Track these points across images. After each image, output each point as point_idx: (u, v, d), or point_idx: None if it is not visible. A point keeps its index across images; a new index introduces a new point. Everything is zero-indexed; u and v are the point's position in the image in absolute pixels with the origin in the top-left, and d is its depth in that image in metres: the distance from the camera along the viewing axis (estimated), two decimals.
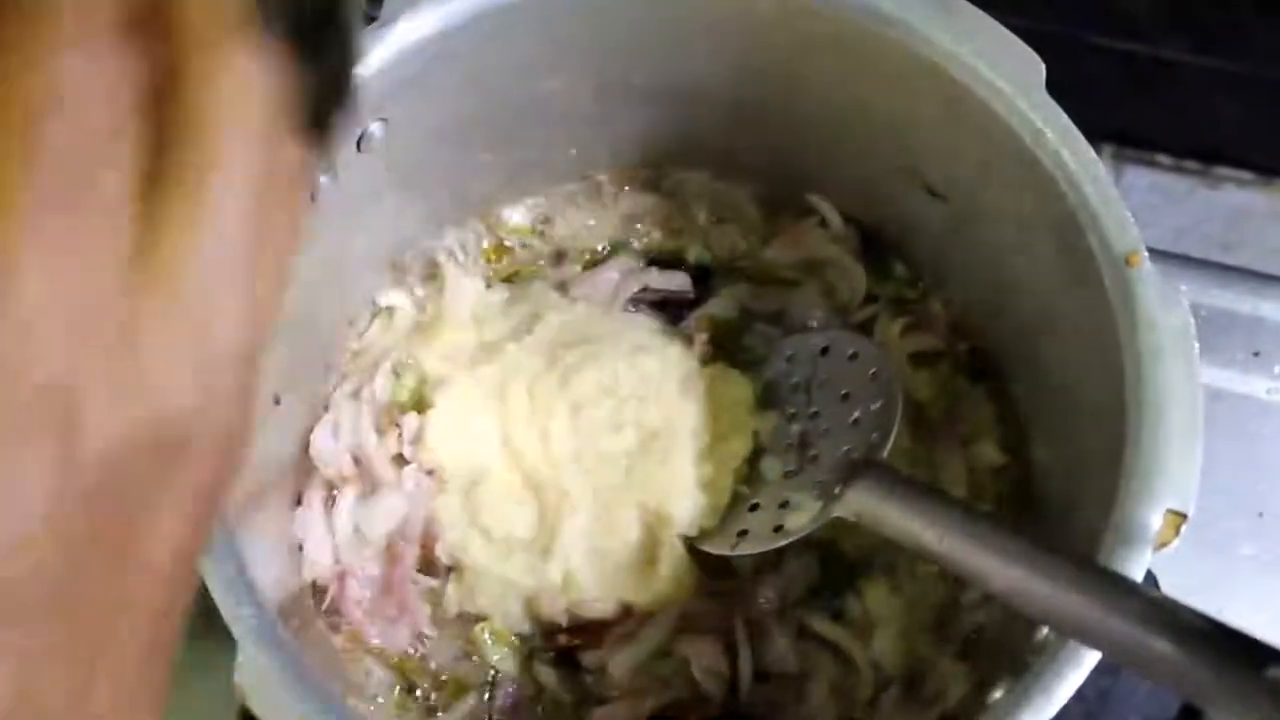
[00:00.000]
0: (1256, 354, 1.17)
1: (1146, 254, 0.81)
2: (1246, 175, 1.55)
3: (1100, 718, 0.78)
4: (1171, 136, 1.42)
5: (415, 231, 1.06)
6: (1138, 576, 0.74)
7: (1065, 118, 0.85)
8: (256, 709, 0.71)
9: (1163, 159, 1.41)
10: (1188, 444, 0.77)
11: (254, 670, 0.72)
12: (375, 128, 0.89)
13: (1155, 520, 0.75)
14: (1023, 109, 0.85)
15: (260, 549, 0.83)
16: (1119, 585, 0.72)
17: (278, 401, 0.94)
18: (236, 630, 0.73)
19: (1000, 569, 0.77)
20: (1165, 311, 0.80)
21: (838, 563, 0.99)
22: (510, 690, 0.98)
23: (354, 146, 0.89)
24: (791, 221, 1.09)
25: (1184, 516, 0.75)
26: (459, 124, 0.98)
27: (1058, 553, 0.75)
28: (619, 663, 0.95)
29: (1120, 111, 1.36)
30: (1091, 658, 0.72)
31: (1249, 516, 1.11)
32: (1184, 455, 0.76)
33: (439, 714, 0.97)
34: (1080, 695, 0.71)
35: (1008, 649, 0.88)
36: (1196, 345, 0.79)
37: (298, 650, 0.76)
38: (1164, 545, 0.75)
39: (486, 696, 0.98)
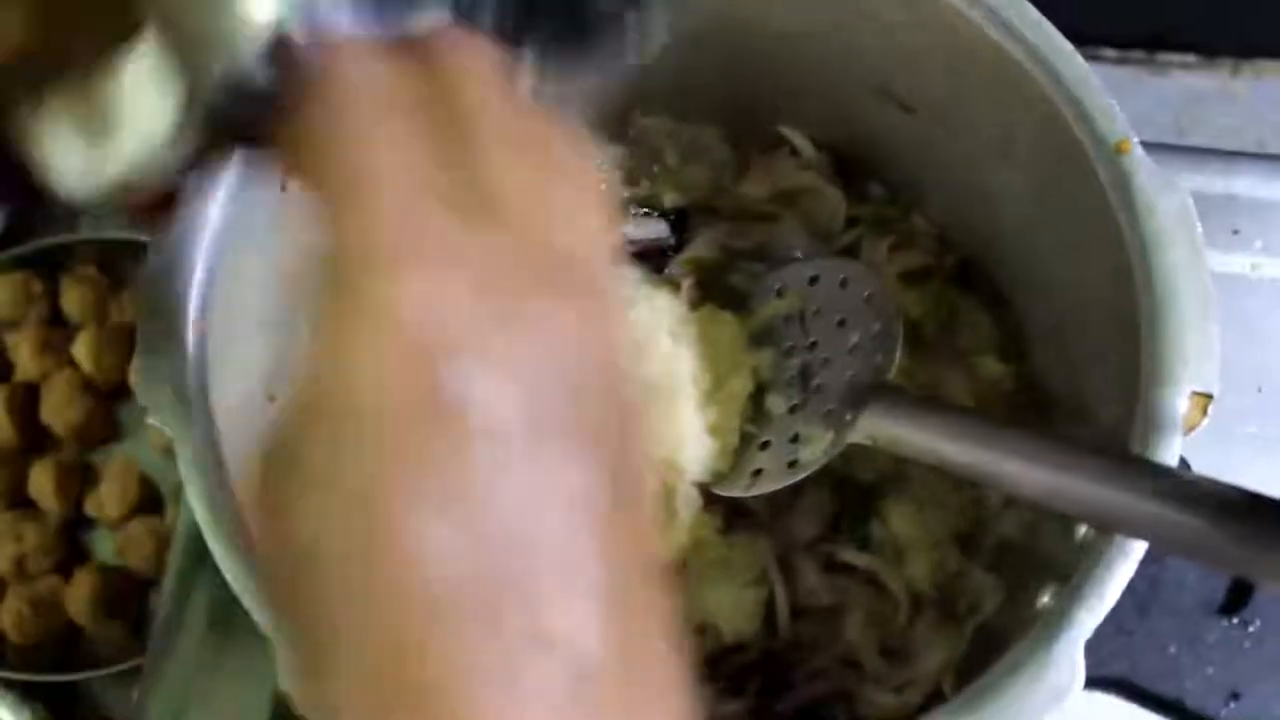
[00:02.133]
0: (1236, 232, 1.17)
1: (1136, 140, 0.80)
2: (1191, 59, 1.55)
3: (1153, 606, 0.78)
4: (1114, 28, 1.42)
5: None
6: (1171, 462, 0.74)
7: (1034, 10, 0.84)
8: (305, 713, 0.69)
9: (1108, 53, 1.41)
10: (1203, 324, 0.76)
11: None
12: None
13: (1181, 404, 0.74)
14: (990, 4, 0.84)
15: None
16: (1155, 472, 0.72)
17: (272, 399, 0.91)
18: (276, 637, 0.71)
19: (1028, 473, 0.76)
20: (1162, 195, 0.79)
21: (856, 491, 0.98)
22: None
23: None
24: (761, 154, 1.07)
25: (1209, 397, 0.75)
26: None
27: (1086, 448, 0.75)
28: None
29: (1062, 8, 1.35)
30: (1139, 549, 0.71)
31: (1248, 394, 1.11)
32: (1201, 336, 0.76)
33: None
34: (1130, 587, 0.71)
35: (1041, 553, 0.88)
36: (1199, 225, 0.78)
37: None
38: (1193, 428, 0.75)
39: None
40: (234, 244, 0.81)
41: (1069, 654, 0.70)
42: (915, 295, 1.02)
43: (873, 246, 1.03)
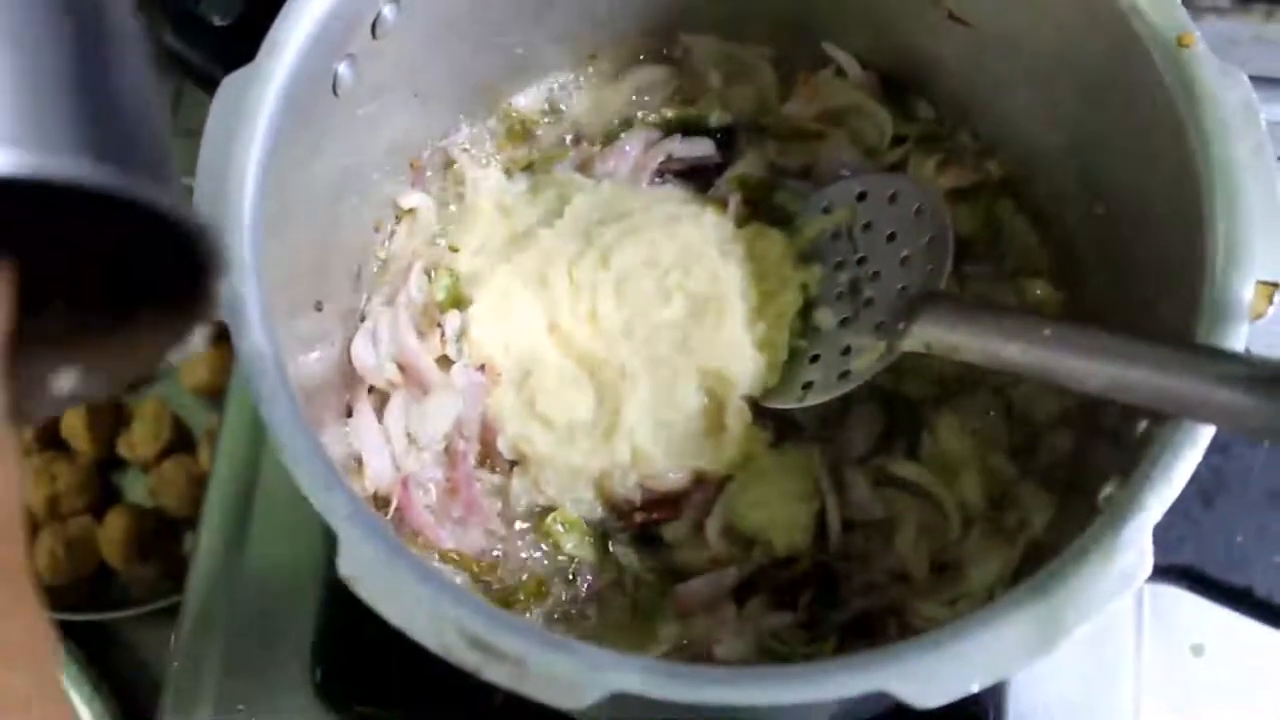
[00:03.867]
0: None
1: (1199, 34, 0.79)
2: (1224, 3, 1.54)
3: (1218, 496, 0.77)
4: None
5: (430, 128, 1.03)
6: (1239, 349, 0.73)
7: None
8: (366, 595, 0.68)
9: None
10: (1269, 213, 0.75)
11: (358, 556, 0.69)
12: (388, 10, 0.87)
13: (1247, 293, 0.74)
14: None
15: None
16: (1221, 356, 0.71)
17: (319, 308, 0.91)
18: (333, 520, 0.70)
19: (1091, 366, 0.76)
20: (1226, 88, 0.78)
21: (904, 406, 0.98)
22: (590, 578, 0.95)
23: (369, 32, 0.86)
24: (807, 74, 1.07)
25: (1276, 286, 0.74)
26: (465, 8, 0.95)
27: (1148, 339, 0.74)
28: (712, 528, 0.93)
29: None
30: (1205, 434, 0.70)
31: None
32: (1267, 225, 0.75)
33: (525, 614, 0.95)
34: (1195, 477, 0.70)
35: (1091, 469, 0.87)
36: (1263, 118, 0.77)
37: (392, 533, 0.73)
38: (1259, 316, 0.74)
39: (568, 589, 0.96)
40: (285, 148, 0.80)
41: (1137, 540, 0.69)
42: (964, 211, 1.01)
43: (920, 164, 1.03)
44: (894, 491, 0.95)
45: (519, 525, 0.97)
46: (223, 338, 0.73)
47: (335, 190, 0.92)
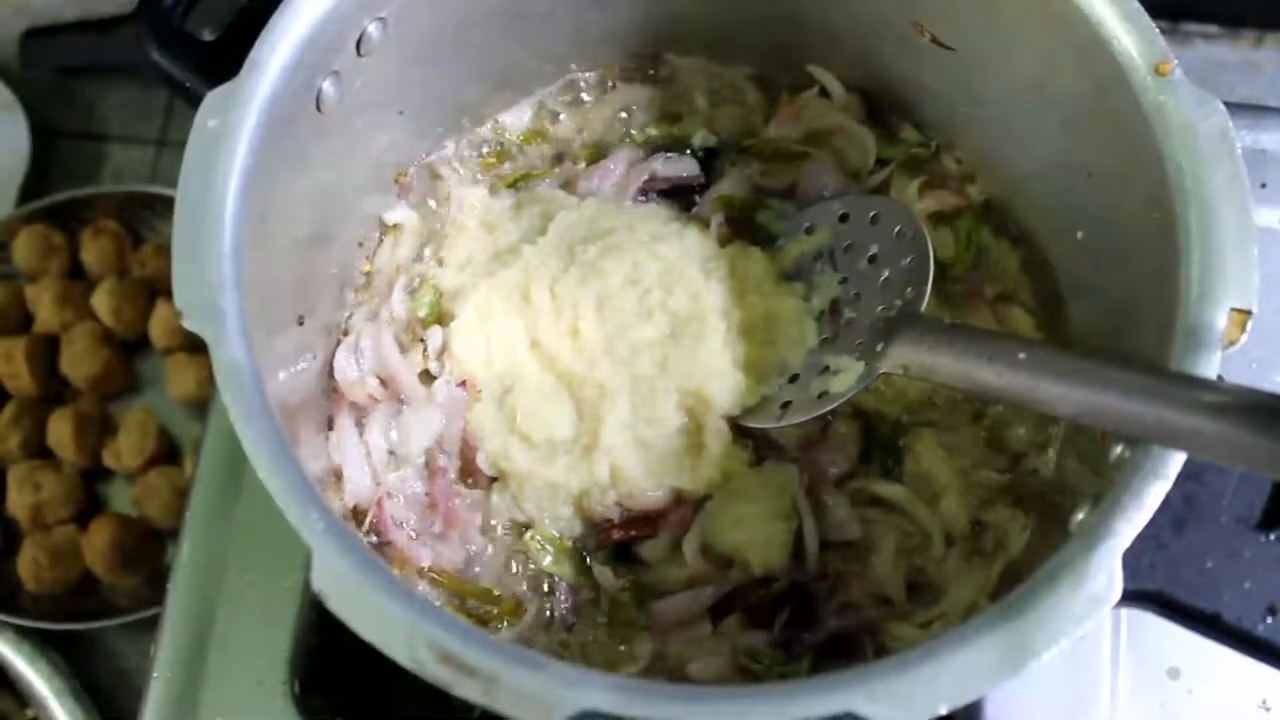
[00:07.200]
0: (1264, 185, 1.16)
1: (1176, 62, 0.80)
2: (1213, 29, 1.55)
3: (1190, 523, 0.78)
4: None
5: (415, 144, 1.04)
6: (1211, 376, 0.73)
7: None
8: (337, 609, 0.69)
9: None
10: (1242, 241, 0.76)
11: (330, 571, 0.69)
12: (373, 28, 0.87)
13: (1220, 320, 0.74)
14: None
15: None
16: (1192, 383, 0.71)
17: (301, 322, 0.91)
18: (307, 534, 0.70)
19: (1065, 391, 0.76)
20: (1202, 116, 0.78)
21: (885, 427, 0.98)
22: (567, 595, 0.96)
23: (354, 49, 0.87)
24: (790, 95, 1.07)
25: (1248, 314, 0.74)
26: (451, 27, 0.95)
27: (1122, 364, 0.75)
28: (689, 547, 0.93)
29: None
30: (1177, 460, 0.71)
31: (1277, 346, 1.10)
32: (1240, 252, 0.75)
33: (499, 629, 0.95)
34: (1166, 503, 0.70)
35: (1069, 492, 0.88)
36: (1239, 146, 0.78)
37: (366, 548, 0.74)
38: (1232, 344, 0.74)
39: (545, 606, 0.96)
40: (267, 163, 0.81)
41: (1107, 564, 0.69)
42: (946, 236, 1.02)
43: (903, 186, 1.03)
44: (872, 512, 0.95)
45: (497, 542, 0.97)
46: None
47: (319, 205, 0.92)
